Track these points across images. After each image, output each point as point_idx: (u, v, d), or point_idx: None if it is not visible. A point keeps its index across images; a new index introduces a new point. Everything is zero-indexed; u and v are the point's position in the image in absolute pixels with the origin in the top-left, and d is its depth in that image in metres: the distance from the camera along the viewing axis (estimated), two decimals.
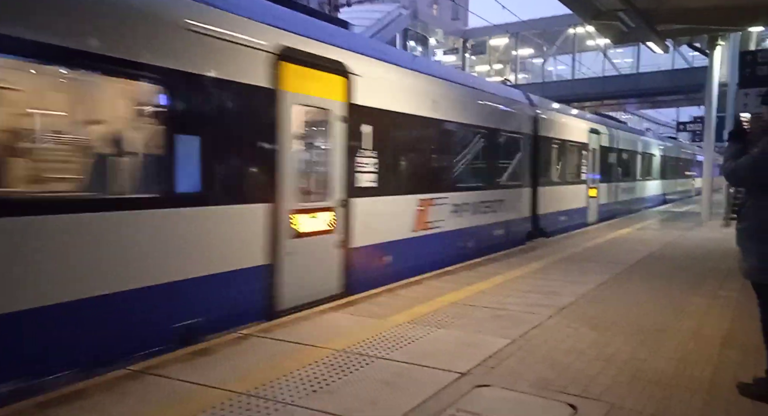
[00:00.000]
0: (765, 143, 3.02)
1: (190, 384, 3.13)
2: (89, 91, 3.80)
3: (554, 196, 11.17)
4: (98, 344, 3.40)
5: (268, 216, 4.57)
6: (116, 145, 3.73)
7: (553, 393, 3.07)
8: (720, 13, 10.65)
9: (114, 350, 3.41)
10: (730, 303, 5.17)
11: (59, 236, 3.21)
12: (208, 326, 3.99)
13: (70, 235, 3.26)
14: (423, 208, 6.83)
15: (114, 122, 3.80)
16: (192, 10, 4.01)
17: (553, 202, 11.15)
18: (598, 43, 31.41)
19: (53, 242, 3.18)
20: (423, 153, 6.97)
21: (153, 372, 3.25)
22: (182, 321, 3.87)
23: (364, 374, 3.32)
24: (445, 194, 7.29)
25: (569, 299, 5.29)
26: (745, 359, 3.63)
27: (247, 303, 4.43)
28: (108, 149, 3.72)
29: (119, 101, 3.85)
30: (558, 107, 12.48)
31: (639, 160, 17.97)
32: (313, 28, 5.41)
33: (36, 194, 3.40)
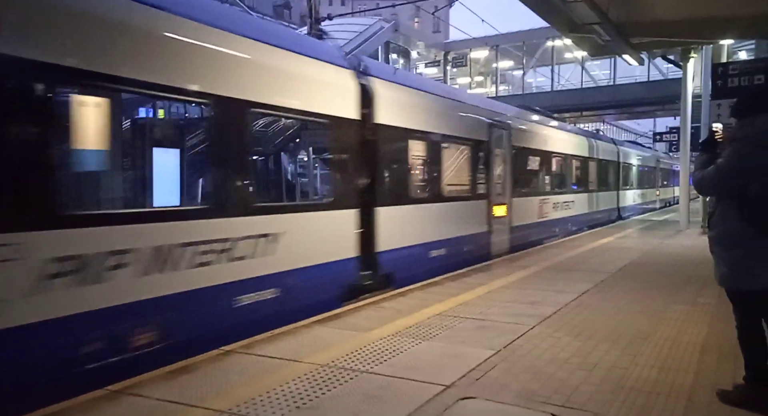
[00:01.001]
0: (728, 153, 3.10)
1: (168, 403, 3.06)
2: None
3: (410, 220, 7.00)
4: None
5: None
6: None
7: (536, 404, 3.07)
8: (691, 27, 10.98)
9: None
10: (708, 310, 5.25)
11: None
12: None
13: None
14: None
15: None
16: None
17: (411, 229, 6.98)
18: (576, 56, 32.00)
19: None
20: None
21: (131, 392, 3.18)
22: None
23: (347, 388, 3.28)
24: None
25: (553, 309, 5.32)
26: (724, 365, 3.68)
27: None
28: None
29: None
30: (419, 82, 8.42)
31: (583, 166, 14.59)
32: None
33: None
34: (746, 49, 20.38)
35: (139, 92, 4.02)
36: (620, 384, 3.37)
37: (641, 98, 28.30)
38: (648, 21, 10.93)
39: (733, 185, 3.06)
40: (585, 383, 3.39)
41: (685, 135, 13.94)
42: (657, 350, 4.06)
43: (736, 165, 3.05)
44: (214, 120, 4.29)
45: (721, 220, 3.14)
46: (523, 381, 3.42)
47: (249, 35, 4.72)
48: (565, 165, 13.46)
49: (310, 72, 5.37)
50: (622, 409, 3.00)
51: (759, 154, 2.96)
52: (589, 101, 29.79)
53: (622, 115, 37.87)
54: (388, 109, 6.48)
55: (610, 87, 30.86)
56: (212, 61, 4.27)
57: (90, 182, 4.04)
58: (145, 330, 3.70)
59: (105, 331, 3.48)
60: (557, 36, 26.05)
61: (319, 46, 6.10)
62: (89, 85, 3.61)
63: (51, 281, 3.17)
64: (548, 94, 31.37)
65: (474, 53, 35.26)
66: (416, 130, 7.10)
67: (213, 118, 4.29)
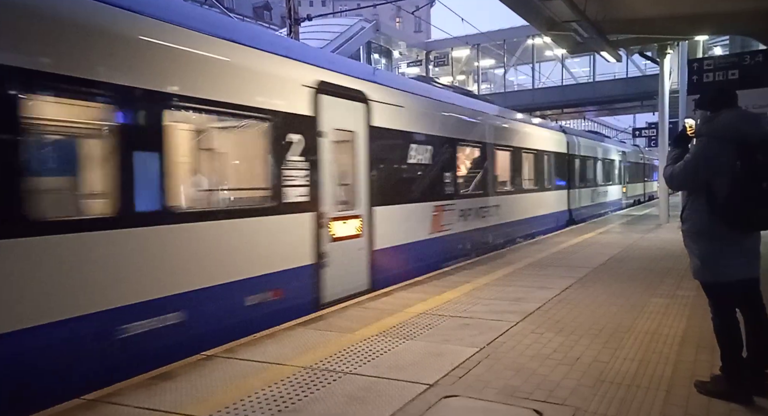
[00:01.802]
0: (694, 149, 3.16)
1: (147, 410, 3.01)
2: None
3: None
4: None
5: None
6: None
7: (519, 400, 3.09)
8: (667, 23, 11.15)
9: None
10: (687, 303, 5.34)
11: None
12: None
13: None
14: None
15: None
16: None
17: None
18: (556, 54, 32.34)
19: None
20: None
21: (108, 401, 3.12)
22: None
23: (331, 390, 3.27)
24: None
25: (535, 305, 5.35)
26: (702, 356, 3.74)
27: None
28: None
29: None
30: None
31: (513, 159, 11.14)
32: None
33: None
34: (721, 45, 20.80)
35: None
36: (601, 377, 3.41)
37: (620, 95, 28.71)
38: (624, 18, 11.07)
39: (699, 179, 3.12)
40: (567, 378, 3.41)
41: (663, 130, 14.15)
42: (637, 343, 4.11)
43: (701, 160, 3.10)
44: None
45: (692, 214, 3.19)
46: (506, 377, 3.44)
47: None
48: (481, 158, 9.74)
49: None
50: (602, 403, 3.03)
51: (723, 148, 3.01)
52: (569, 98, 30.15)
53: (602, 111, 38.39)
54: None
55: (589, 84, 31.27)
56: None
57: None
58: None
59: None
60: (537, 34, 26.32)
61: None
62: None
63: None
64: (529, 92, 31.67)
65: (455, 52, 35.46)
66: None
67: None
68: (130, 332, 3.77)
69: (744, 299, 3.16)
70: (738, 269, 3.07)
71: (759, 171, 2.93)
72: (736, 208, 2.96)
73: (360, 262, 6.36)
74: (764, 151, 2.97)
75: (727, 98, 3.18)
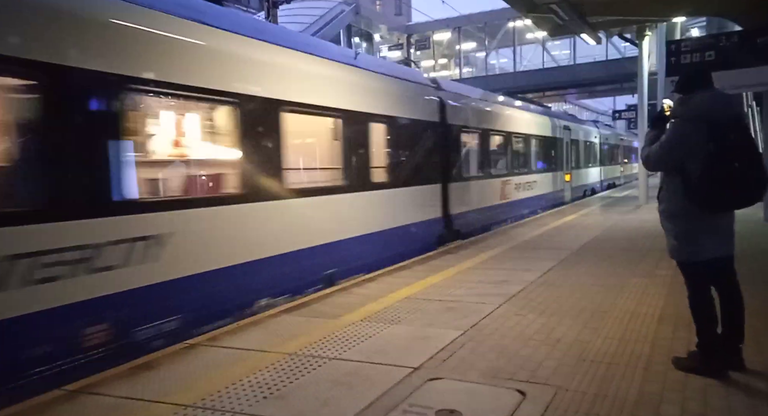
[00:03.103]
0: (669, 130, 3.19)
1: (130, 400, 2.99)
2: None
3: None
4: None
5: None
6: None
7: (502, 381, 3.13)
8: (644, 5, 11.18)
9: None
10: (665, 282, 5.45)
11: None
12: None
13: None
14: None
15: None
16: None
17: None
18: (537, 36, 32.32)
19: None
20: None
21: (90, 391, 3.09)
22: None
23: (316, 376, 3.28)
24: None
25: (518, 288, 5.42)
26: (680, 334, 3.83)
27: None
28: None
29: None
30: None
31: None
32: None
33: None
34: (698, 27, 20.99)
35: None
36: (582, 357, 3.47)
37: (600, 77, 28.89)
38: (604, 0, 11.07)
39: (674, 160, 3.16)
40: (549, 358, 3.47)
41: (643, 112, 14.28)
42: (617, 322, 4.19)
43: (676, 141, 3.14)
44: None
45: (668, 195, 3.24)
46: (490, 359, 3.48)
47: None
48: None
49: None
50: (583, 381, 3.09)
51: (696, 129, 3.05)
52: (550, 81, 30.25)
53: (584, 94, 38.60)
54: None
55: (570, 67, 31.35)
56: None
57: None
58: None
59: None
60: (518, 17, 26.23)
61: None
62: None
63: None
64: (511, 75, 31.68)
65: (437, 35, 35.24)
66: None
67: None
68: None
69: (719, 278, 3.23)
70: (712, 248, 3.13)
71: (731, 152, 2.98)
72: (709, 188, 3.00)
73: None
74: (736, 131, 3.02)
75: (701, 80, 3.21)
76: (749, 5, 10.13)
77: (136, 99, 4.28)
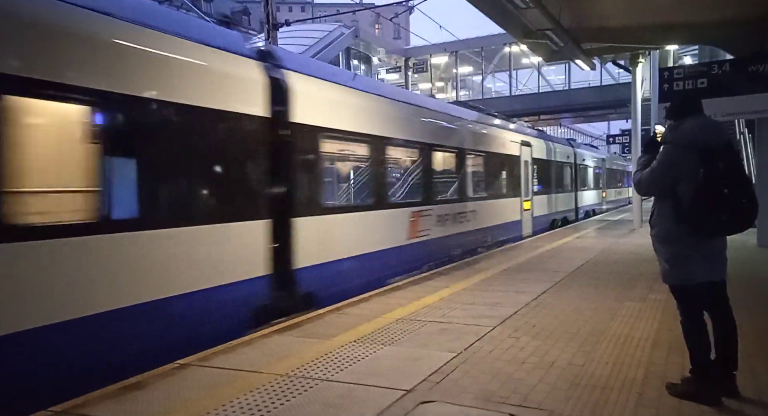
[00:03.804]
0: (660, 155, 3.24)
1: None
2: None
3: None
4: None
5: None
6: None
7: (495, 405, 3.10)
8: (637, 33, 11.44)
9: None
10: (659, 306, 5.45)
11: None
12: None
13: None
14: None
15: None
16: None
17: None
18: (533, 61, 32.88)
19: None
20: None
21: (76, 413, 3.04)
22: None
23: (307, 398, 3.24)
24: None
25: (512, 310, 5.40)
26: (673, 359, 3.81)
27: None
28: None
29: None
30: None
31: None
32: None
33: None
34: (690, 55, 21.41)
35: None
36: (575, 381, 3.45)
37: (594, 102, 29.34)
38: (597, 27, 11.32)
39: (665, 185, 3.21)
40: (542, 382, 3.45)
41: (636, 137, 14.48)
42: (611, 346, 4.17)
43: (667, 166, 3.19)
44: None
45: (659, 219, 3.28)
46: (483, 382, 3.45)
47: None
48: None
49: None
50: (576, 406, 3.07)
51: (687, 155, 3.10)
52: (545, 105, 30.68)
53: (578, 118, 39.12)
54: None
55: (564, 92, 31.86)
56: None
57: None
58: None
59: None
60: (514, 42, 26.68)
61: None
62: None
63: None
64: (506, 99, 32.10)
65: (434, 59, 35.76)
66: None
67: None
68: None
69: (711, 302, 3.24)
70: (704, 272, 3.15)
71: (720, 178, 3.02)
72: (700, 213, 3.04)
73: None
74: (725, 158, 3.07)
75: (691, 107, 3.27)
76: (739, 34, 10.38)
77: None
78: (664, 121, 3.47)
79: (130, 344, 4.04)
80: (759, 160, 10.81)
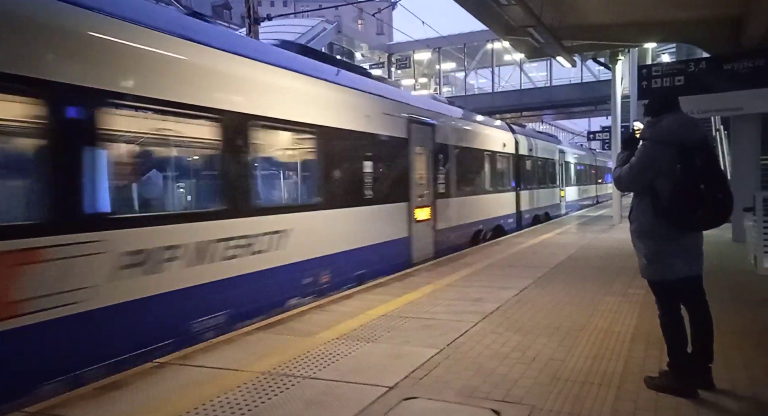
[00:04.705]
0: (638, 152, 3.29)
1: None
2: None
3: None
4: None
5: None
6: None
7: (477, 400, 3.12)
8: (617, 30, 11.59)
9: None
10: (638, 300, 5.54)
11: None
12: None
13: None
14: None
15: None
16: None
17: None
18: (515, 58, 33.07)
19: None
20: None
21: (52, 413, 2.97)
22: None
23: (289, 395, 3.21)
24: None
25: (495, 305, 5.43)
26: (652, 352, 3.87)
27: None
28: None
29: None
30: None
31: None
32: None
33: None
34: (668, 52, 21.75)
35: None
36: (556, 375, 3.48)
37: (575, 99, 29.66)
38: (578, 24, 11.43)
39: (643, 181, 3.25)
40: (524, 376, 3.47)
41: (616, 134, 14.68)
42: (591, 341, 4.23)
43: (645, 163, 3.23)
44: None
45: (638, 214, 3.32)
46: (465, 378, 3.47)
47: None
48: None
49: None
50: (558, 400, 3.10)
51: (664, 151, 3.14)
52: (527, 102, 30.91)
53: (560, 115, 39.50)
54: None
55: (546, 88, 32.13)
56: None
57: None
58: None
59: None
60: (496, 39, 26.81)
61: None
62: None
63: None
64: (489, 96, 32.27)
65: (417, 55, 35.76)
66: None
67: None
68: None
69: (688, 297, 3.30)
70: (681, 267, 3.20)
71: (697, 174, 3.07)
72: (678, 209, 3.09)
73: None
74: (701, 154, 3.12)
75: (669, 104, 3.31)
76: (715, 34, 10.57)
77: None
78: (643, 118, 3.51)
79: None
80: (734, 156, 11.05)
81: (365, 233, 7.31)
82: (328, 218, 6.51)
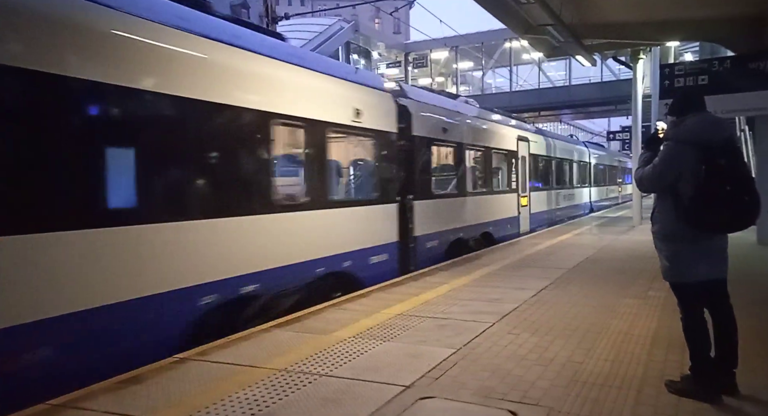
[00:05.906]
0: (661, 152, 3.22)
1: (115, 415, 2.93)
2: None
3: None
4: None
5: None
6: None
7: (494, 401, 3.10)
8: (638, 29, 11.40)
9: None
10: (658, 303, 5.45)
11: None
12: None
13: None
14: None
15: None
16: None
17: None
18: (533, 57, 32.76)
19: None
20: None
21: (74, 406, 3.03)
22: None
23: (305, 393, 3.23)
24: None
25: (512, 306, 5.40)
26: (673, 356, 3.81)
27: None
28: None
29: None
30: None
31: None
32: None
33: None
34: (692, 51, 21.36)
35: None
36: (575, 378, 3.45)
37: (594, 98, 29.28)
38: (598, 23, 11.28)
39: (666, 182, 3.19)
40: (541, 378, 3.44)
41: (637, 134, 14.44)
42: (610, 343, 4.17)
43: (668, 163, 3.17)
44: None
45: (660, 216, 3.26)
46: (482, 378, 3.45)
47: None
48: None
49: None
50: (576, 403, 3.07)
51: (688, 151, 3.08)
52: (545, 101, 30.60)
53: (578, 114, 39.04)
54: None
55: (565, 88, 31.77)
56: None
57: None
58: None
59: None
60: (514, 37, 26.60)
61: None
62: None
63: None
64: (507, 95, 32.03)
65: (434, 54, 35.63)
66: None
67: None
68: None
69: (711, 300, 3.23)
70: (704, 270, 3.14)
71: (722, 175, 3.00)
72: (701, 211, 3.02)
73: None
74: (726, 155, 3.05)
75: (693, 103, 3.25)
76: (740, 31, 10.34)
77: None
78: (666, 117, 3.45)
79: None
80: (759, 157, 10.80)
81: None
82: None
